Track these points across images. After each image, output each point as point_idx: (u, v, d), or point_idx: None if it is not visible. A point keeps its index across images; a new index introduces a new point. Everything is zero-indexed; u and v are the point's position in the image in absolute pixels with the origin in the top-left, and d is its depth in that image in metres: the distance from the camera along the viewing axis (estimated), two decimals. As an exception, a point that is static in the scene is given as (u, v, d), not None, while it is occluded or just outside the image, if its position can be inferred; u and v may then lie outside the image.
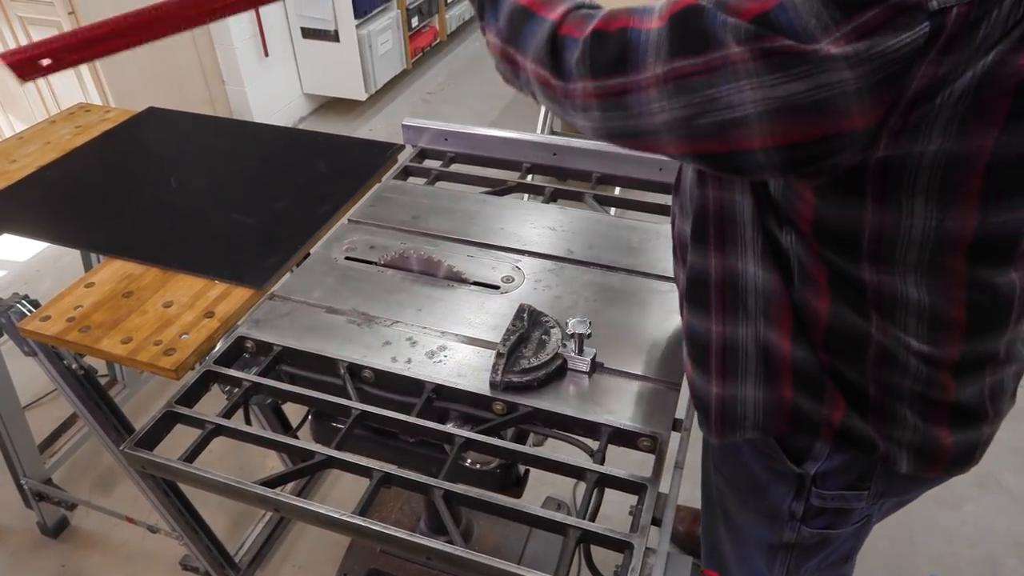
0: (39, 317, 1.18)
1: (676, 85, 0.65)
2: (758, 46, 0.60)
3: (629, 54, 0.67)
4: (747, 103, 0.62)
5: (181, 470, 0.94)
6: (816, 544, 0.95)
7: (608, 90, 0.69)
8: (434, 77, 4.24)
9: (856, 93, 0.59)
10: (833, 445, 0.85)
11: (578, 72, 0.71)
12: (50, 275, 2.73)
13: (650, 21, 0.67)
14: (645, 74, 0.66)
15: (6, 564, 1.82)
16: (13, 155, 1.64)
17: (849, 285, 0.74)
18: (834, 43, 0.57)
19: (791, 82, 0.60)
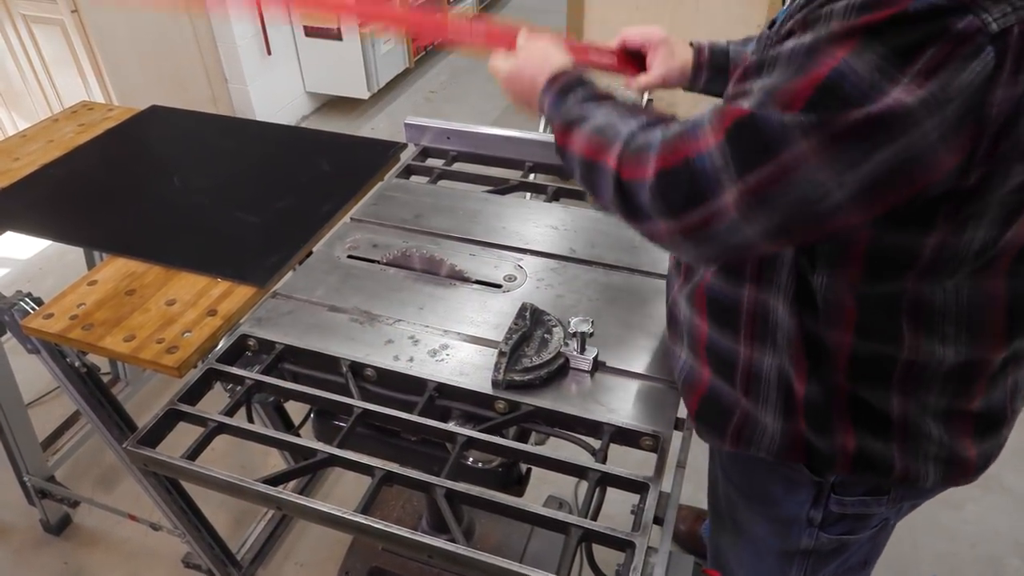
0: (42, 315, 1.19)
1: (758, 199, 0.63)
2: (827, 133, 0.59)
3: (701, 185, 0.66)
4: (835, 191, 0.61)
5: (183, 468, 0.94)
6: (834, 550, 0.94)
7: (692, 225, 0.68)
8: (436, 76, 4.23)
9: (941, 140, 0.57)
10: (850, 472, 0.85)
11: (656, 213, 0.70)
12: (53, 273, 2.73)
13: (706, 138, 0.66)
14: (723, 199, 0.64)
15: (9, 561, 1.83)
16: (16, 153, 1.64)
17: (881, 310, 0.74)
18: (905, 90, 0.56)
19: (873, 154, 0.58)
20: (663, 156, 0.69)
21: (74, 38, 2.78)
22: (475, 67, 4.30)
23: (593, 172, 0.77)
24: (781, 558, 0.98)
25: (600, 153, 0.76)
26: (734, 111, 0.64)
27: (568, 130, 0.82)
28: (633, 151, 0.73)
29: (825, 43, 0.59)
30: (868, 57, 0.56)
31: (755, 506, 0.98)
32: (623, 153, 0.74)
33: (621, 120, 0.78)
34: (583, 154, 0.79)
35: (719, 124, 0.65)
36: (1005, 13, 0.54)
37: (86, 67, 2.85)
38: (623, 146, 0.74)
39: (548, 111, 0.89)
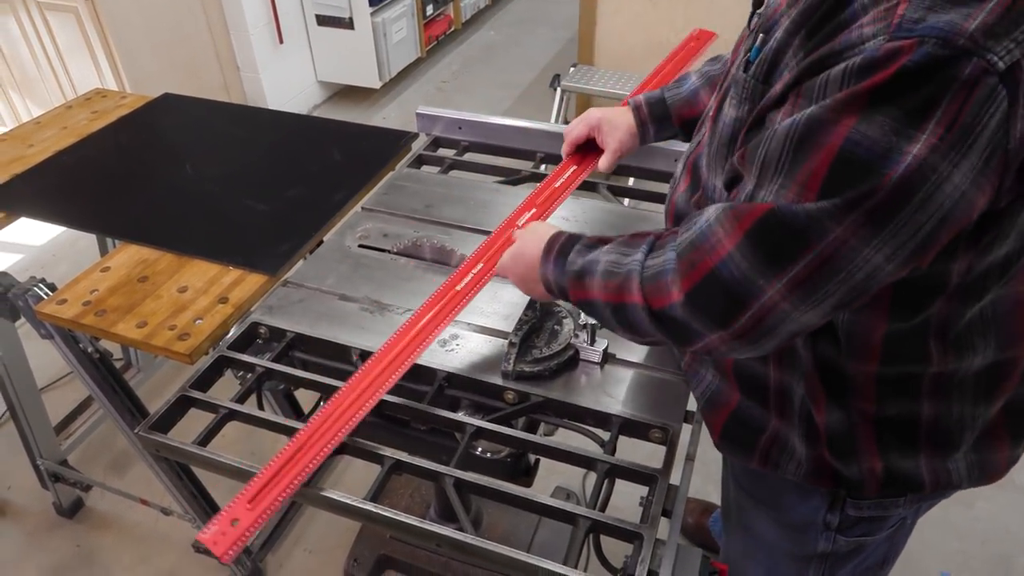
0: (55, 300, 1.19)
1: (804, 289, 0.62)
2: (860, 211, 0.57)
3: (734, 292, 0.64)
4: (883, 263, 0.59)
5: (195, 453, 0.94)
6: (852, 551, 0.93)
7: (743, 329, 0.66)
8: (448, 66, 4.22)
9: (973, 184, 0.56)
10: (880, 494, 0.84)
11: (705, 331, 0.69)
12: (66, 259, 2.75)
13: (723, 244, 0.64)
14: (767, 296, 0.63)
15: (23, 543, 1.85)
16: (30, 139, 1.65)
17: (908, 337, 0.72)
18: (926, 146, 0.54)
19: (912, 217, 0.56)
20: (685, 275, 0.68)
21: (88, 26, 2.79)
22: (487, 57, 4.28)
23: (624, 313, 0.76)
24: (798, 561, 0.97)
25: (621, 294, 0.75)
26: (751, 211, 0.62)
27: (581, 284, 0.81)
28: (652, 280, 0.72)
29: (830, 113, 0.57)
30: (880, 120, 0.55)
31: (769, 512, 0.98)
32: (643, 286, 0.73)
33: (626, 254, 0.77)
34: (607, 300, 0.78)
35: (736, 225, 0.63)
36: (1009, 49, 0.53)
37: (99, 55, 2.86)
38: (640, 279, 0.73)
39: (555, 278, 0.85)
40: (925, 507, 0.94)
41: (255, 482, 0.81)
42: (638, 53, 3.10)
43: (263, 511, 0.79)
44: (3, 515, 1.92)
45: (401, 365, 0.95)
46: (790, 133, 0.60)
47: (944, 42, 0.53)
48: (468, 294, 1.04)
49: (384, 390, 0.93)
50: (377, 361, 0.96)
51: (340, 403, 0.90)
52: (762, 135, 0.64)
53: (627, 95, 1.22)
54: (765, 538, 1.01)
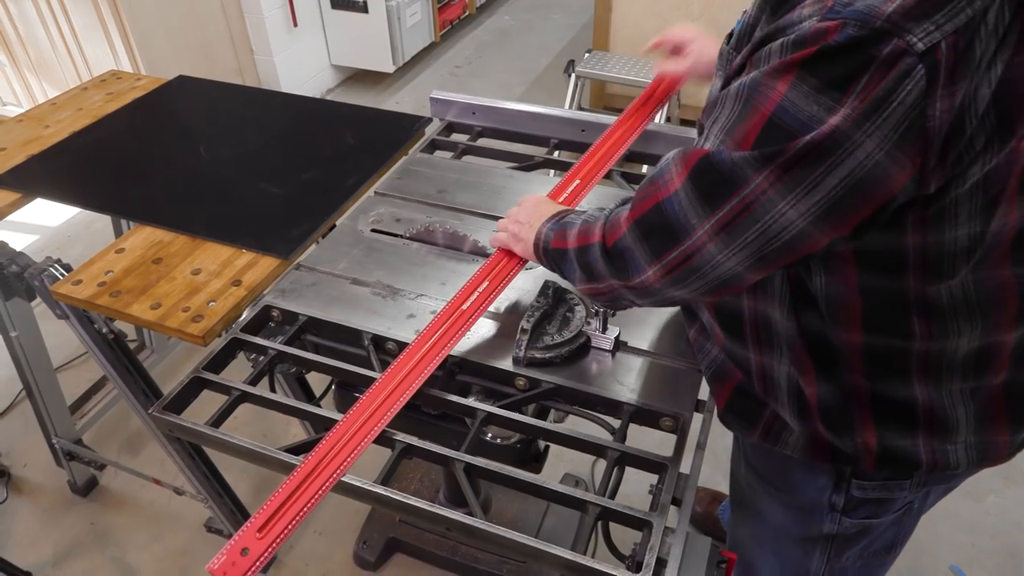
0: (71, 281, 1.20)
1: (728, 232, 0.68)
2: (775, 165, 0.63)
3: (672, 225, 0.71)
4: (797, 219, 0.64)
5: (208, 434, 0.95)
6: (857, 533, 0.94)
7: (673, 263, 0.73)
8: (462, 50, 4.20)
9: (887, 156, 0.60)
10: (876, 468, 0.85)
11: (644, 262, 0.76)
12: (81, 240, 2.78)
13: (672, 182, 0.71)
14: (696, 234, 0.70)
15: (39, 520, 1.88)
16: (47, 120, 1.66)
17: (888, 306, 0.74)
18: (842, 117, 0.59)
19: (823, 180, 0.62)
20: (635, 207, 0.76)
21: (103, 8, 2.80)
22: (501, 43, 4.26)
23: (584, 255, 0.84)
24: (803, 543, 0.98)
25: (587, 237, 0.85)
26: (694, 153, 0.69)
27: (563, 234, 0.90)
28: (611, 219, 0.81)
29: (767, 78, 0.63)
30: (804, 90, 0.60)
31: (777, 493, 0.98)
32: (604, 226, 0.82)
33: (604, 210, 0.86)
34: (575, 246, 0.86)
35: (682, 167, 0.70)
36: (929, 32, 0.56)
37: (115, 37, 2.87)
38: (603, 221, 0.82)
39: (547, 230, 0.94)
40: (935, 495, 0.94)
41: (264, 510, 0.79)
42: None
43: (273, 540, 0.77)
44: (19, 492, 1.95)
45: (409, 389, 0.93)
46: (737, 93, 0.66)
47: (862, 24, 0.57)
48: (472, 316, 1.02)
49: (393, 413, 0.91)
50: (383, 386, 0.93)
51: (346, 429, 0.88)
52: (719, 95, 0.71)
53: (645, 82, 1.21)
54: (772, 520, 1.01)
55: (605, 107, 3.34)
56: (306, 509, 0.79)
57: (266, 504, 0.79)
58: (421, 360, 0.96)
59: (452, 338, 0.98)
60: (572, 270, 0.88)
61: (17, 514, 1.90)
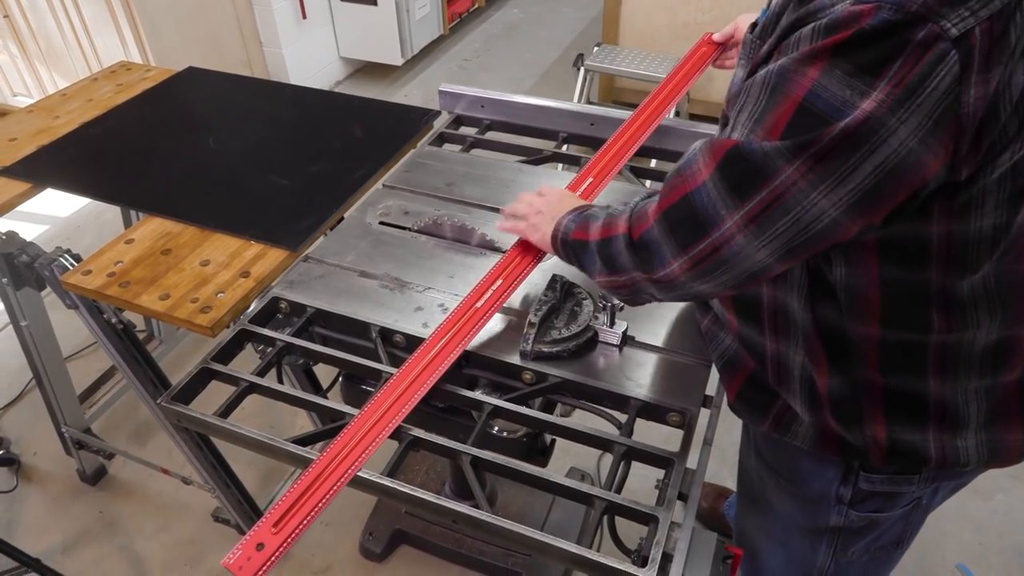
0: (81, 271, 1.21)
1: (757, 224, 0.67)
2: (808, 155, 0.62)
3: (701, 217, 0.70)
4: (829, 208, 0.63)
5: (216, 425, 0.96)
6: (864, 527, 0.94)
7: (700, 255, 0.72)
8: (471, 43, 4.19)
9: (921, 143, 0.59)
10: (884, 463, 0.85)
11: (670, 255, 0.74)
12: (91, 231, 2.79)
13: (700, 173, 0.70)
14: (726, 226, 0.68)
15: (48, 508, 1.90)
16: (57, 111, 1.66)
17: (908, 300, 0.73)
18: (876, 102, 0.58)
19: (857, 168, 0.61)
20: (663, 199, 0.74)
21: (113, -2, 2.80)
22: (510, 36, 4.24)
23: (608, 247, 0.83)
24: (810, 535, 0.98)
25: (611, 229, 0.83)
26: (723, 144, 0.68)
27: (584, 225, 0.89)
28: (637, 211, 0.80)
29: (797, 64, 0.62)
30: (837, 75, 0.59)
31: (785, 484, 0.98)
32: (630, 219, 0.80)
33: (628, 204, 0.85)
34: (598, 238, 0.85)
35: (710, 158, 0.69)
36: (963, 17, 0.56)
37: (125, 28, 2.87)
38: (629, 214, 0.81)
39: (567, 221, 0.94)
40: (943, 492, 0.93)
41: (279, 505, 0.79)
42: (663, 33, 3.06)
43: (288, 536, 0.77)
44: (29, 481, 1.96)
45: (423, 386, 0.93)
46: (765, 81, 0.65)
47: (897, 7, 0.56)
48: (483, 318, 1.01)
49: (408, 409, 0.91)
50: (397, 383, 0.93)
51: (360, 425, 0.88)
52: (746, 83, 0.70)
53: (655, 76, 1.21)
54: (780, 511, 1.01)
55: (614, 101, 3.33)
56: (321, 505, 0.80)
57: (281, 499, 0.79)
58: (436, 357, 0.96)
59: (466, 335, 0.98)
60: (592, 262, 0.87)
61: (27, 502, 1.91)
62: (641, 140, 1.29)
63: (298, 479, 0.82)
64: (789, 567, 1.05)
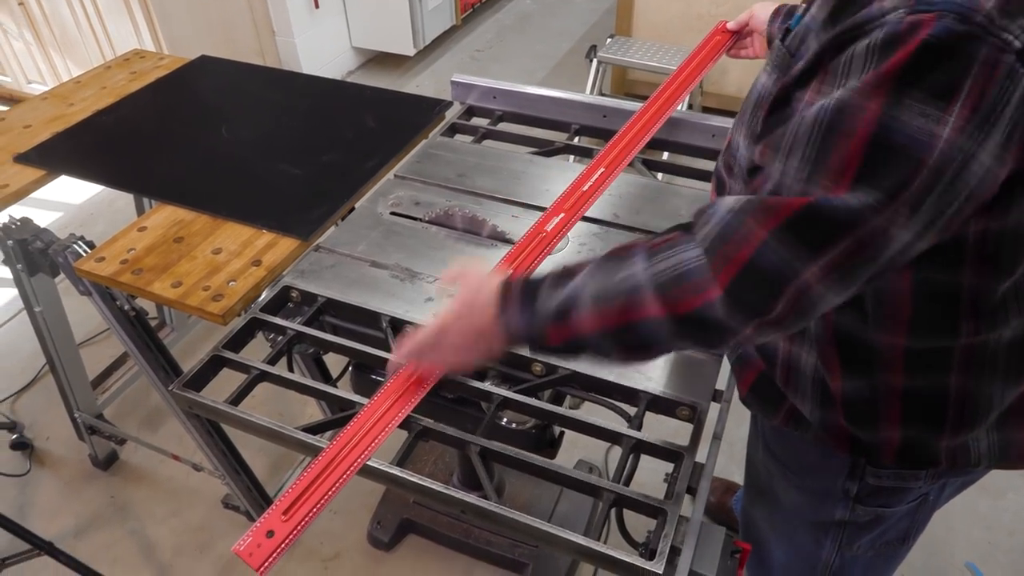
0: (94, 258, 1.22)
1: (840, 272, 0.61)
2: (900, 201, 0.57)
3: (775, 280, 0.62)
4: (911, 240, 0.60)
5: (227, 412, 0.96)
6: (870, 522, 0.94)
7: (780, 316, 0.64)
8: (483, 34, 4.18)
9: (996, 160, 0.57)
10: (895, 463, 0.84)
11: (737, 324, 0.65)
12: (103, 218, 2.81)
13: (755, 233, 0.62)
14: (802, 278, 0.61)
15: (60, 492, 1.92)
16: (71, 98, 1.67)
17: (939, 305, 0.72)
18: (955, 129, 0.55)
19: (939, 200, 0.57)
20: (722, 269, 0.64)
21: (127, -14, 2.81)
22: (522, 27, 4.23)
23: (633, 333, 0.70)
24: (815, 529, 0.98)
25: (628, 313, 0.69)
26: (787, 204, 0.61)
27: (565, 321, 0.73)
28: (672, 284, 0.67)
29: (858, 97, 0.57)
30: (907, 103, 0.55)
31: (791, 477, 0.98)
32: (660, 295, 0.67)
33: (615, 272, 0.71)
34: (606, 327, 0.71)
35: (770, 217, 0.61)
36: None
37: (138, 16, 2.88)
38: (654, 289, 0.68)
39: (526, 325, 0.76)
40: (951, 488, 0.93)
41: (289, 493, 0.79)
42: (677, 25, 3.03)
43: (298, 524, 0.77)
44: (42, 465, 1.98)
45: (433, 376, 0.93)
46: (819, 119, 0.59)
47: (962, 17, 0.53)
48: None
49: (418, 399, 0.91)
50: (407, 372, 0.93)
51: (372, 412, 0.89)
52: (789, 121, 0.63)
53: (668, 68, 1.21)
54: (787, 504, 1.01)
55: (626, 93, 3.31)
56: (331, 493, 0.80)
57: (291, 487, 0.80)
58: None
59: None
60: (599, 351, 0.74)
61: (40, 486, 1.93)
62: (653, 130, 1.28)
63: (308, 467, 0.82)
64: (794, 560, 1.05)
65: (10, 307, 2.44)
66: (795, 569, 1.06)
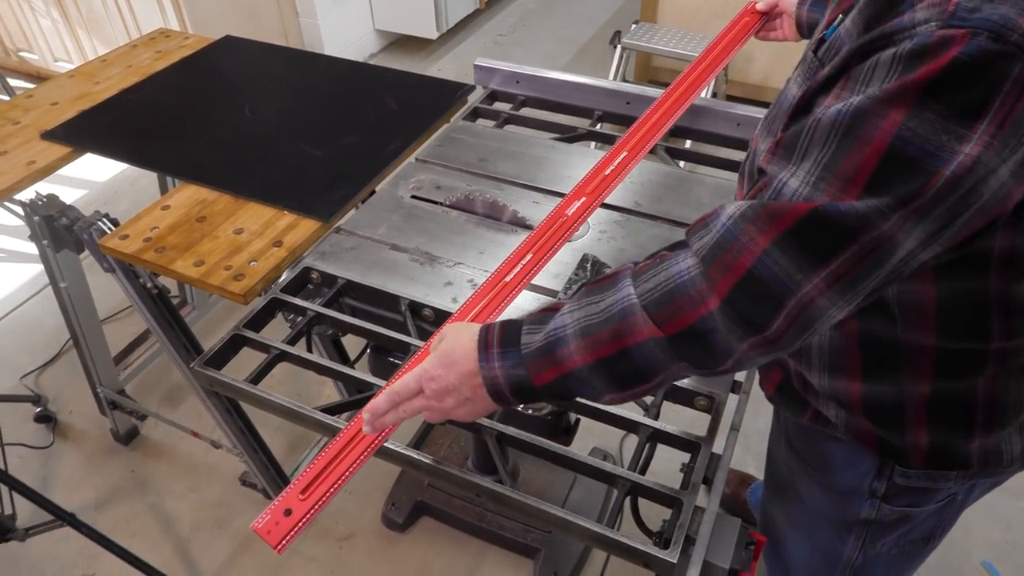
0: (118, 235, 1.23)
1: (842, 284, 0.59)
2: (911, 209, 0.55)
3: (775, 291, 0.59)
4: (917, 251, 0.58)
5: (246, 390, 0.97)
6: (896, 521, 0.92)
7: (778, 331, 0.61)
8: (506, 18, 4.15)
9: (1013, 177, 0.55)
10: (924, 466, 0.83)
11: (739, 336, 0.62)
12: (127, 196, 2.83)
13: (756, 241, 0.59)
14: (804, 291, 0.59)
15: (82, 464, 1.95)
16: (97, 77, 1.68)
17: (967, 309, 0.71)
18: (978, 144, 0.53)
19: (949, 211, 0.56)
20: (720, 279, 0.61)
21: (153, -35, 2.82)
22: (546, 11, 4.19)
23: (623, 362, 0.65)
24: (838, 527, 0.97)
25: (617, 340, 0.65)
26: (792, 210, 0.58)
27: (550, 359, 0.68)
28: (665, 302, 0.63)
29: (878, 105, 0.55)
30: (929, 117, 0.53)
31: (815, 474, 0.97)
32: (652, 314, 0.63)
33: (599, 301, 0.66)
34: (595, 359, 0.66)
35: (772, 224, 0.59)
36: None
37: (164, -5, 2.89)
38: (642, 311, 0.63)
39: (509, 371, 0.70)
40: (980, 489, 0.91)
41: (307, 472, 0.79)
42: (703, 11, 2.99)
43: (315, 503, 0.77)
44: (65, 438, 2.02)
45: None
46: (836, 123, 0.57)
47: (997, 36, 0.51)
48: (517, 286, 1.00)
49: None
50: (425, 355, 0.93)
51: None
52: (804, 122, 0.61)
53: (693, 55, 1.19)
54: (808, 502, 1.00)
55: (650, 80, 3.28)
56: (348, 473, 0.81)
57: (309, 467, 0.81)
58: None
59: (495, 310, 0.98)
60: (589, 388, 0.69)
61: (63, 458, 1.97)
62: (677, 115, 1.27)
63: (326, 447, 0.83)
64: (814, 557, 1.04)
65: (35, 282, 2.48)
66: (815, 566, 1.05)
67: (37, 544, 1.65)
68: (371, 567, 1.71)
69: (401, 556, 1.73)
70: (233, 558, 1.74)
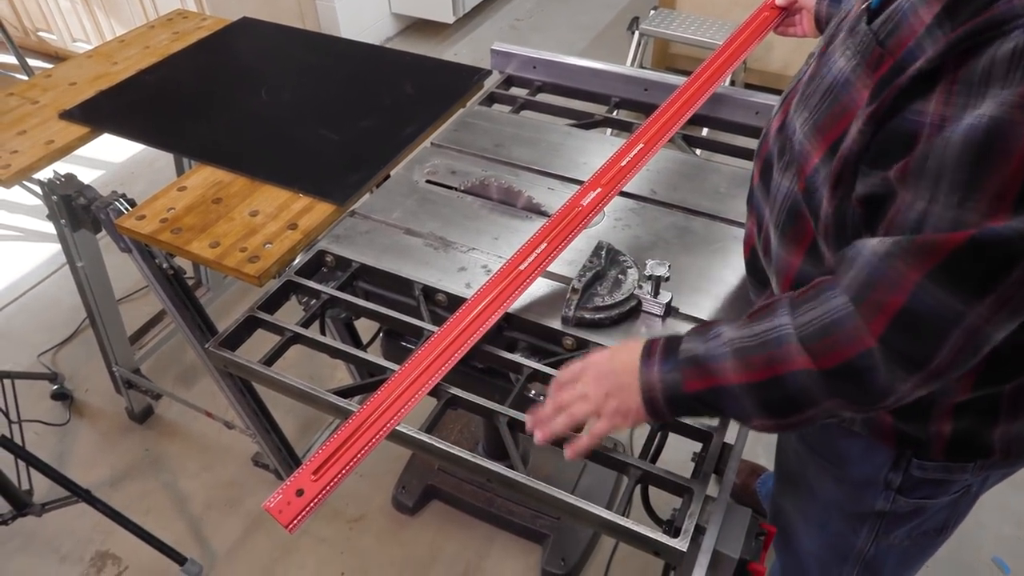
0: (135, 216, 1.24)
1: (1010, 308, 0.57)
2: None
3: (936, 325, 0.57)
4: None
5: (260, 372, 0.98)
6: (910, 512, 0.92)
7: (943, 365, 0.60)
8: (523, 3, 4.11)
9: None
10: (945, 457, 0.82)
11: (900, 375, 0.61)
12: (144, 177, 2.85)
13: (908, 276, 0.57)
14: (968, 320, 0.57)
15: (97, 442, 1.98)
16: (115, 57, 1.69)
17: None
18: None
19: None
20: (873, 318, 0.60)
21: (171, -55, 2.81)
22: (564, -4, 4.15)
23: (778, 388, 0.67)
24: (851, 519, 0.96)
25: (773, 366, 0.66)
26: (944, 243, 0.56)
27: (703, 369, 0.71)
28: (819, 336, 0.64)
29: (1016, 112, 0.51)
30: None
31: (828, 467, 0.96)
32: (807, 346, 0.64)
33: (757, 325, 0.68)
34: (749, 381, 0.68)
35: (924, 259, 0.57)
36: None
37: (181, -24, 2.89)
38: (800, 340, 0.65)
39: (663, 375, 0.74)
40: (993, 479, 0.91)
41: (320, 454, 0.80)
42: (723, -2, 2.95)
43: (327, 484, 0.78)
44: (80, 416, 2.05)
45: (463, 345, 0.93)
46: (969, 141, 0.54)
47: None
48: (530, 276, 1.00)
49: (449, 367, 0.91)
50: (439, 340, 0.93)
51: (401, 380, 0.89)
52: (931, 145, 0.57)
53: (712, 43, 1.18)
54: (821, 493, 0.99)
55: (668, 67, 3.25)
56: (360, 456, 0.81)
57: (321, 448, 0.81)
58: (478, 317, 0.96)
59: (509, 297, 0.98)
60: (739, 407, 0.71)
61: (78, 435, 2.00)
62: (695, 106, 1.26)
63: (338, 429, 0.83)
64: (825, 549, 1.04)
65: (53, 261, 2.51)
66: (826, 557, 1.04)
67: (53, 519, 1.67)
68: (380, 549, 1.73)
69: (411, 539, 1.74)
70: (245, 537, 1.76)
